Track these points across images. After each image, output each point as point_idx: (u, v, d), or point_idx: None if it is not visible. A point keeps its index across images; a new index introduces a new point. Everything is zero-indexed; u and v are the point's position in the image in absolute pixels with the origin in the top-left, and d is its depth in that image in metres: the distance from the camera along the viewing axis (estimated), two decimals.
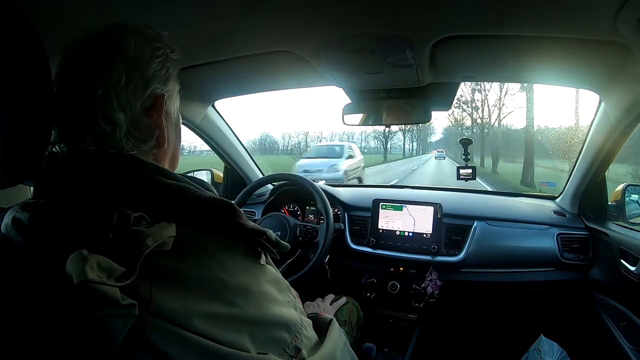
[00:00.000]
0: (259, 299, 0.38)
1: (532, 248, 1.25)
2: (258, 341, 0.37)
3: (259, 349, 0.36)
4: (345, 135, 37.07)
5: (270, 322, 0.39)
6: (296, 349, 0.40)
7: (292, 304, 0.44)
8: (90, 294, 0.29)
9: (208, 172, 1.61)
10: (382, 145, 31.50)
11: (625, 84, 0.87)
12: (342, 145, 9.62)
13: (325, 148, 10.77)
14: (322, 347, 0.44)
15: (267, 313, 0.39)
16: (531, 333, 1.27)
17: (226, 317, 0.35)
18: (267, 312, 0.39)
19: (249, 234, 0.40)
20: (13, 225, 0.36)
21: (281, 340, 0.39)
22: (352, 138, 36.48)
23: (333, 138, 37.40)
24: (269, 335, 0.38)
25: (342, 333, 0.54)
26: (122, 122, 0.39)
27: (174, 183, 0.39)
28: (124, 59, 0.40)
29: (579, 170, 1.23)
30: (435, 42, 0.77)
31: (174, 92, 0.46)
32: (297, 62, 0.89)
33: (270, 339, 0.38)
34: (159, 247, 0.34)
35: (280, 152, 35.70)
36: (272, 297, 0.40)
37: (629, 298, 1.08)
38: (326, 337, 0.47)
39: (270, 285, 0.41)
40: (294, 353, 0.40)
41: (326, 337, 0.47)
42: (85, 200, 0.35)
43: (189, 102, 1.22)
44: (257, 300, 0.38)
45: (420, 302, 1.26)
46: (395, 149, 37.17)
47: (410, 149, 38.22)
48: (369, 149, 39.55)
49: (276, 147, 37.34)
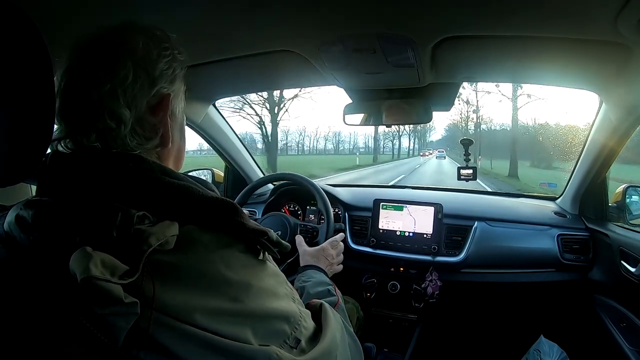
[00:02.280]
0: (260, 294, 0.39)
1: (532, 249, 1.25)
2: (260, 334, 0.37)
3: (261, 341, 0.37)
4: (332, 133, 36.55)
5: (271, 315, 0.40)
6: (296, 339, 0.41)
7: (290, 296, 0.45)
8: (94, 291, 0.29)
9: (209, 171, 1.61)
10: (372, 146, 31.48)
11: (626, 84, 0.87)
12: None
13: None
14: (322, 339, 0.45)
15: (268, 307, 0.39)
16: (531, 334, 1.27)
17: (229, 312, 0.36)
18: (268, 306, 0.39)
19: (250, 234, 0.40)
20: (16, 223, 0.36)
21: (282, 333, 0.40)
22: (339, 135, 36.02)
23: (318, 136, 37.22)
24: (270, 328, 0.39)
25: (338, 318, 0.55)
26: (128, 118, 0.40)
27: (177, 182, 0.39)
28: (132, 57, 0.40)
29: (580, 171, 1.23)
30: (436, 42, 0.77)
31: (179, 93, 0.47)
32: (297, 61, 0.89)
33: (272, 332, 0.39)
34: (162, 245, 0.34)
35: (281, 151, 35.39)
36: (272, 291, 0.41)
37: (629, 299, 1.08)
38: (323, 327, 0.48)
39: (270, 280, 0.42)
40: (294, 344, 0.41)
41: (323, 327, 0.48)
42: (89, 198, 0.36)
43: (190, 102, 1.22)
44: (258, 295, 0.39)
45: (421, 303, 1.26)
46: (387, 149, 36.76)
47: (408, 149, 37.65)
48: (357, 149, 39.21)
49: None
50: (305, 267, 0.85)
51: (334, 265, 0.92)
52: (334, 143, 38.68)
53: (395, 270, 1.32)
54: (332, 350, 0.45)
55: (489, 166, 16.23)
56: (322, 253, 0.91)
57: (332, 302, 0.69)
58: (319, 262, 0.88)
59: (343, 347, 0.51)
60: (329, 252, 0.92)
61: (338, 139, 38.31)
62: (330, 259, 0.91)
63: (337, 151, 37.76)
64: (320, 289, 0.72)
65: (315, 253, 0.91)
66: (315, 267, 0.85)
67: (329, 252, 0.92)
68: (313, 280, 0.76)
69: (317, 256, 0.90)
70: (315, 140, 38.70)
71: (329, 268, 0.89)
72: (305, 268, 0.84)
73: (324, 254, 0.91)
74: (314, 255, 0.91)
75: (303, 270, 0.83)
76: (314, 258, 0.90)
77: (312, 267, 0.84)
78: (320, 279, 0.78)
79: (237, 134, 1.53)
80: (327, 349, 0.44)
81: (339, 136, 38.18)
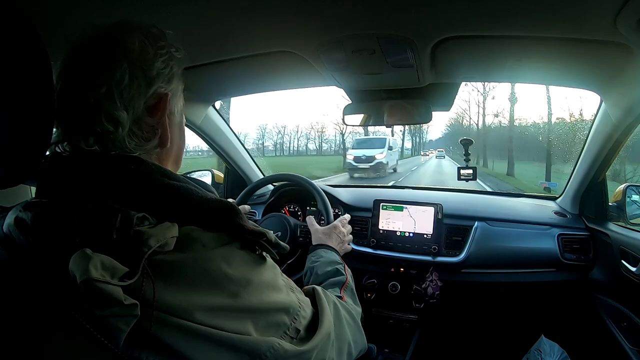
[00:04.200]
0: (259, 288, 0.40)
1: (532, 248, 1.24)
2: (261, 327, 0.38)
3: (262, 334, 0.38)
4: (315, 132, 34.72)
5: (271, 308, 0.40)
6: (296, 330, 0.42)
7: (288, 286, 0.46)
8: (94, 293, 0.29)
9: (209, 172, 1.61)
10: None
11: (625, 84, 0.87)
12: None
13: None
14: (320, 326, 0.46)
15: (268, 301, 0.40)
16: (532, 333, 1.27)
17: (229, 308, 0.36)
18: (268, 299, 0.40)
19: (249, 235, 0.40)
20: (16, 225, 0.36)
21: (282, 324, 0.41)
22: (322, 135, 34.36)
23: (310, 134, 35.55)
24: (270, 321, 0.40)
25: (330, 297, 0.55)
26: (125, 120, 0.39)
27: (177, 184, 0.39)
28: (128, 57, 0.40)
29: (580, 171, 1.23)
30: (435, 42, 0.77)
31: (177, 92, 0.46)
32: (297, 62, 0.89)
33: (272, 324, 0.40)
34: (162, 247, 0.34)
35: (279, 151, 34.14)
36: (272, 284, 0.42)
37: (630, 299, 1.08)
38: (319, 312, 0.49)
39: (269, 273, 0.42)
40: (294, 334, 0.42)
41: (319, 312, 0.49)
42: (88, 200, 0.36)
43: (190, 103, 1.23)
44: (258, 290, 0.39)
45: (421, 303, 1.26)
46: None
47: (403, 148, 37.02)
48: (343, 150, 38.27)
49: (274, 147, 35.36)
50: (316, 247, 0.85)
51: (345, 243, 0.93)
52: (317, 143, 36.16)
53: (395, 271, 1.32)
54: (330, 332, 0.47)
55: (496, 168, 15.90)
56: (334, 230, 0.92)
57: (340, 282, 0.70)
58: (331, 240, 0.89)
59: (339, 325, 0.52)
60: (340, 230, 0.93)
61: (322, 139, 35.75)
62: (342, 236, 0.92)
63: (320, 152, 35.08)
64: (329, 269, 0.73)
65: (328, 231, 0.91)
66: (326, 245, 0.85)
67: (340, 230, 0.93)
68: (322, 260, 0.77)
69: (329, 234, 0.91)
70: (295, 139, 36.39)
71: (341, 246, 0.90)
72: (316, 247, 0.84)
73: (336, 231, 0.92)
74: (326, 233, 0.91)
75: (314, 250, 0.83)
76: (326, 236, 0.90)
77: (323, 246, 0.84)
78: (330, 258, 0.78)
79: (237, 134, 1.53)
80: (326, 333, 0.46)
81: (322, 136, 35.79)
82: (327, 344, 0.46)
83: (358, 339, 0.58)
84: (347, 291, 0.68)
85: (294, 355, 0.40)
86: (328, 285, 0.68)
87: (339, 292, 0.65)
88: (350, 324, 0.57)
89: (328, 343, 0.47)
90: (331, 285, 0.68)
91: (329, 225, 0.94)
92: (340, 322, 0.54)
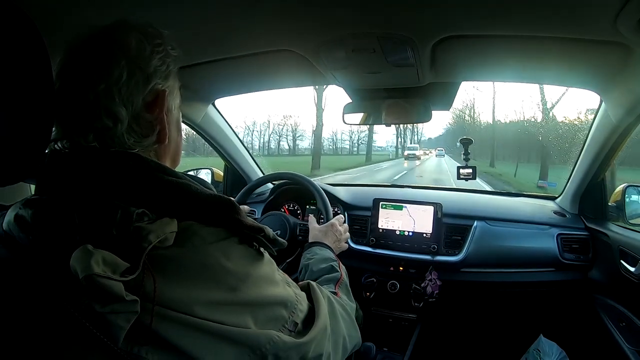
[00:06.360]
0: (258, 282, 0.40)
1: (532, 248, 1.25)
2: (260, 321, 0.39)
3: (261, 327, 0.39)
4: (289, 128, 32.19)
5: (270, 302, 0.41)
6: (294, 323, 0.43)
7: (285, 280, 0.47)
8: (95, 289, 0.29)
9: (208, 170, 1.61)
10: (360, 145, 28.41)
11: (626, 84, 0.87)
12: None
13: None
14: (316, 319, 0.47)
15: (267, 294, 0.41)
16: (531, 333, 1.27)
17: (229, 302, 0.37)
18: (266, 293, 0.41)
19: (247, 230, 0.41)
20: (15, 222, 0.36)
21: (280, 318, 0.42)
22: (295, 132, 32.24)
23: (304, 134, 33.49)
24: (269, 314, 0.41)
25: (325, 292, 0.56)
26: (124, 116, 0.40)
27: (176, 180, 0.39)
28: (126, 55, 0.40)
29: (579, 171, 1.23)
30: (435, 41, 0.77)
31: (174, 89, 0.47)
32: (297, 61, 0.89)
33: (271, 318, 0.41)
34: (162, 242, 0.34)
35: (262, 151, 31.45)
36: (270, 279, 0.43)
37: (629, 299, 1.08)
38: (315, 306, 0.49)
39: (267, 267, 0.43)
40: (292, 327, 0.43)
41: (315, 306, 0.49)
42: (88, 197, 0.36)
43: (190, 101, 1.23)
44: (256, 284, 0.40)
45: (420, 302, 1.26)
46: (376, 148, 33.81)
47: (396, 147, 34.58)
48: (342, 150, 36.73)
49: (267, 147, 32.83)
50: (312, 244, 0.86)
51: (341, 242, 0.95)
52: (289, 142, 33.41)
53: (394, 270, 1.32)
54: (326, 325, 0.48)
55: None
56: (331, 229, 0.94)
57: (334, 278, 0.71)
58: (327, 238, 0.90)
59: (334, 319, 0.53)
60: (337, 228, 0.95)
61: (295, 135, 32.71)
62: (338, 235, 0.94)
63: (293, 151, 32.31)
64: (324, 266, 0.74)
65: (324, 229, 0.93)
66: (321, 243, 0.86)
67: (337, 228, 0.95)
68: (317, 257, 0.78)
69: (326, 232, 0.92)
70: (263, 137, 33.29)
71: (337, 244, 0.92)
72: (311, 245, 0.86)
73: (333, 229, 0.94)
74: (322, 230, 0.93)
75: (309, 247, 0.84)
76: (322, 233, 0.92)
77: (318, 244, 0.86)
78: (325, 255, 0.79)
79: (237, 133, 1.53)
80: (323, 326, 0.47)
81: (295, 132, 32.52)
82: (324, 337, 0.47)
83: (353, 333, 0.59)
84: (341, 287, 0.68)
85: (293, 347, 0.41)
86: (323, 282, 0.69)
87: (333, 288, 0.66)
88: (345, 319, 0.57)
89: (325, 336, 0.47)
90: (326, 282, 0.69)
91: (327, 223, 0.95)
92: (335, 317, 0.54)
